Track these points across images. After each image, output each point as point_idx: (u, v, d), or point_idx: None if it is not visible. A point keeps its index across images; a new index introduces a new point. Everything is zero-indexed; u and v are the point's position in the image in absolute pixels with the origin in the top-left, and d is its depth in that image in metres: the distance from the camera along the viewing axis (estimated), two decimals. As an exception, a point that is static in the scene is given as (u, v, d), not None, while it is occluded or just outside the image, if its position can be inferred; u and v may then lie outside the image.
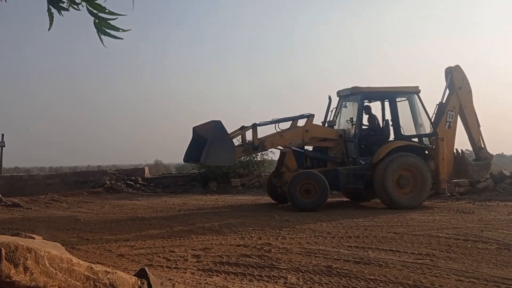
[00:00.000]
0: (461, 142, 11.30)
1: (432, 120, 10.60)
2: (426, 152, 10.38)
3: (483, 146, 11.14)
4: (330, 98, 11.21)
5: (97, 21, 2.53)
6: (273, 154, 14.88)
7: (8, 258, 2.08)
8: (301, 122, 10.41)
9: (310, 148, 10.68)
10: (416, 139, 10.54)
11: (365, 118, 10.88)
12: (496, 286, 4.07)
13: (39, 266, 2.20)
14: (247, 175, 15.72)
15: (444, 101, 10.90)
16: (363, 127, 10.78)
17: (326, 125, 11.00)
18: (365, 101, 10.69)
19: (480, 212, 8.75)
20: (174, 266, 4.97)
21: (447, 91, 10.94)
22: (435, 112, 10.82)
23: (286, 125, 10.41)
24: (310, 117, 10.34)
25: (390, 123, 10.58)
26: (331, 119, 11.10)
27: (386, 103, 10.96)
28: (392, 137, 10.52)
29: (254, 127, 10.02)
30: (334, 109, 11.25)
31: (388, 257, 5.17)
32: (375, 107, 11.20)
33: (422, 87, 10.68)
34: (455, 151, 10.82)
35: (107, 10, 2.53)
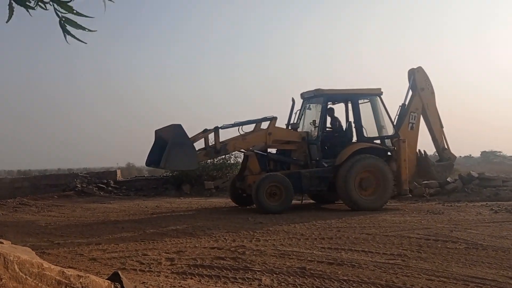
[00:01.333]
0: (425, 143, 11.58)
1: (395, 121, 10.73)
2: (389, 153, 10.52)
3: (446, 147, 11.37)
4: (293, 100, 11.19)
5: (63, 21, 2.50)
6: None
7: (-25, 264, 2.01)
8: (265, 125, 10.36)
9: (273, 151, 10.72)
10: (378, 141, 10.64)
11: (328, 120, 10.90)
12: (465, 285, 4.19)
13: (8, 272, 2.14)
14: (220, 177, 15.67)
15: (406, 103, 11.06)
16: (327, 129, 10.81)
17: (289, 128, 10.98)
18: (329, 103, 10.72)
19: (449, 213, 8.98)
20: (147, 270, 4.91)
21: (410, 93, 11.11)
22: (397, 114, 10.97)
23: (251, 128, 10.36)
24: (273, 119, 10.27)
25: (353, 125, 10.64)
26: (295, 121, 11.10)
27: (350, 105, 10.98)
28: (355, 139, 10.60)
29: (216, 130, 9.90)
30: (298, 111, 11.27)
31: (361, 257, 5.25)
32: (340, 109, 11.28)
33: (398, 89, 10.94)
34: (417, 152, 11.01)
35: (75, 11, 2.50)
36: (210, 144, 10.00)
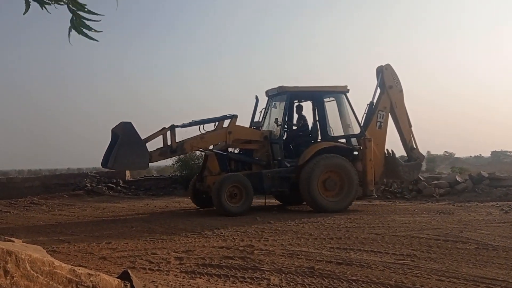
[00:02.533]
0: (393, 142, 11.32)
1: (363, 120, 10.45)
2: (355, 153, 10.17)
3: (414, 146, 11.14)
4: (257, 98, 10.85)
5: (74, 18, 2.51)
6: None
7: (-12, 262, 2.04)
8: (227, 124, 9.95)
9: (237, 150, 10.42)
10: (343, 140, 10.37)
11: (295, 119, 10.66)
12: (476, 286, 4.15)
13: (19, 270, 2.16)
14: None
15: (374, 101, 10.81)
16: (293, 127, 10.54)
17: (252, 126, 10.64)
18: (295, 101, 10.48)
19: (459, 213, 8.91)
20: (156, 269, 4.94)
21: (378, 91, 10.86)
22: (365, 112, 10.69)
23: (212, 126, 9.95)
24: (233, 118, 9.89)
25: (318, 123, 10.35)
26: (259, 119, 10.74)
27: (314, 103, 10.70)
28: (320, 138, 10.32)
29: (172, 128, 9.48)
30: (263, 110, 10.91)
31: (370, 258, 5.23)
32: (306, 107, 10.94)
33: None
34: (385, 151, 10.75)
35: (86, 9, 2.51)
36: (168, 144, 9.51)
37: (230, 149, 10.22)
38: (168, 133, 9.46)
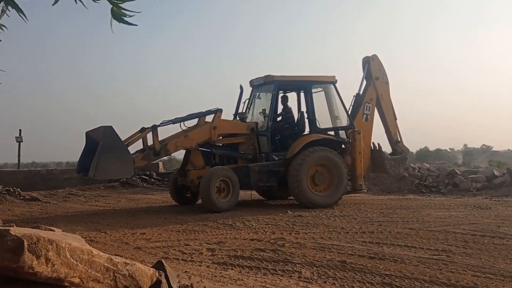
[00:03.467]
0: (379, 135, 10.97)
1: (349, 112, 10.10)
2: (343, 146, 9.84)
3: (399, 139, 10.86)
4: (241, 87, 10.30)
5: (115, 8, 2.58)
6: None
7: (31, 250, 2.13)
8: (209, 119, 9.42)
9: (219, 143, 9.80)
10: (332, 132, 9.97)
11: (280, 110, 10.19)
12: (513, 283, 4.03)
13: (60, 258, 2.25)
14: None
15: (361, 92, 10.50)
16: (278, 119, 10.06)
17: (237, 118, 10.09)
18: (280, 91, 10.02)
19: (497, 208, 8.65)
20: (189, 259, 5.03)
21: (364, 82, 10.54)
22: (351, 104, 10.35)
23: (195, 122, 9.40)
24: (218, 112, 9.33)
25: (306, 115, 9.93)
26: (243, 111, 10.21)
27: (302, 94, 10.36)
28: (307, 130, 9.93)
29: (154, 129, 8.80)
30: (247, 100, 10.42)
31: (404, 252, 5.15)
32: (291, 98, 10.52)
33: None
34: (371, 144, 10.44)
35: (120, 2, 2.58)
36: (148, 145, 8.85)
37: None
38: (149, 134, 8.83)
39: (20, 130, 18.36)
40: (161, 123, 8.97)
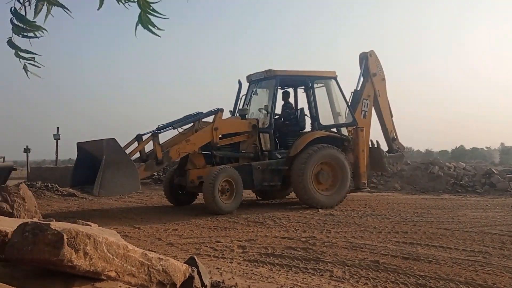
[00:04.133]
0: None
1: (347, 109, 9.81)
2: (345, 144, 9.51)
3: (395, 137, 10.61)
4: (240, 82, 9.98)
5: (142, 14, 2.62)
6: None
7: (70, 244, 2.20)
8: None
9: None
10: (333, 129, 9.68)
11: (280, 106, 9.89)
12: (555, 287, 3.88)
13: (97, 252, 2.31)
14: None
15: (358, 89, 10.23)
16: (276, 116, 9.68)
17: (236, 114, 9.69)
18: (278, 87, 9.60)
19: (537, 209, 8.34)
20: (220, 256, 5.08)
21: (362, 79, 10.30)
22: (349, 101, 10.07)
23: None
24: (218, 112, 8.88)
25: (306, 112, 9.63)
26: (242, 107, 9.79)
27: (299, 90, 10.08)
28: (308, 127, 9.66)
29: (154, 136, 8.32)
30: (243, 97, 10.02)
31: (439, 253, 5.03)
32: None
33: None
34: (370, 142, 10.14)
35: (151, 8, 2.61)
36: (146, 153, 8.49)
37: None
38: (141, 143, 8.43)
39: (57, 128, 18.95)
40: (158, 128, 8.53)
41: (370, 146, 10.14)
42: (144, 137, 8.44)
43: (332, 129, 9.66)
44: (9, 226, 2.51)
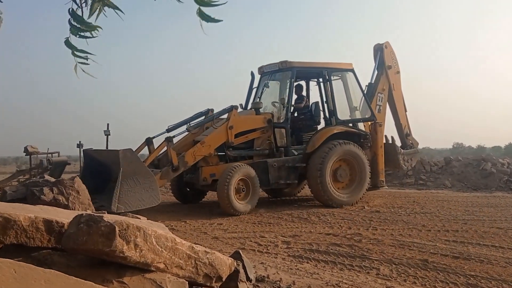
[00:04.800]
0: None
1: (361, 103, 9.27)
2: (362, 140, 8.93)
3: (409, 132, 10.09)
4: (253, 74, 9.42)
5: (200, 8, 2.66)
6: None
7: (121, 235, 2.28)
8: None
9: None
10: (350, 125, 9.12)
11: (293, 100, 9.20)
12: None
13: (147, 244, 2.39)
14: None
15: (373, 82, 9.71)
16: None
17: (249, 107, 9.14)
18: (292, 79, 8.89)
19: None
20: (265, 251, 5.11)
21: (376, 71, 9.79)
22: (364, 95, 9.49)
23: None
24: (233, 109, 8.33)
25: (321, 105, 9.19)
26: (254, 100, 9.26)
27: (312, 83, 9.57)
28: (322, 122, 9.21)
29: (169, 141, 7.89)
30: (255, 89, 9.47)
31: (491, 253, 4.84)
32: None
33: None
34: (385, 138, 9.58)
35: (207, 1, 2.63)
36: (157, 157, 8.14)
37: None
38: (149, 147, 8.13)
39: (108, 124, 19.57)
40: (169, 130, 8.19)
41: (384, 142, 9.72)
42: (155, 140, 8.14)
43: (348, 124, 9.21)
44: (65, 218, 2.64)
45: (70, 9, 1.81)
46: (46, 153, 13.41)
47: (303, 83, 9.81)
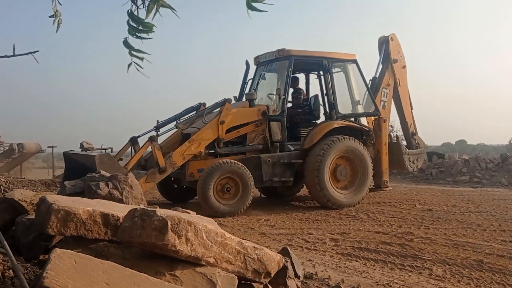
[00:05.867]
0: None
1: (365, 98, 8.62)
2: (364, 136, 8.34)
3: (415, 131, 9.45)
4: (247, 64, 8.82)
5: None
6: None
7: (173, 230, 2.34)
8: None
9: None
10: (352, 119, 8.47)
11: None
12: None
13: (197, 238, 2.44)
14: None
15: (377, 76, 9.09)
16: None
17: (243, 99, 8.46)
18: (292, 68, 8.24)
19: None
20: (313, 248, 5.09)
21: (381, 65, 9.18)
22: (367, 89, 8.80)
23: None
24: (226, 103, 7.69)
25: (321, 98, 8.67)
26: (248, 91, 8.67)
27: (312, 75, 9.07)
28: (322, 117, 8.67)
29: (152, 140, 7.29)
30: (250, 81, 8.89)
31: (553, 256, 4.58)
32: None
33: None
34: (389, 136, 8.87)
35: None
36: (144, 157, 7.63)
37: None
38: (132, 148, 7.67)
39: (157, 121, 20.11)
40: (157, 127, 7.72)
41: (389, 141, 9.06)
42: (142, 139, 7.64)
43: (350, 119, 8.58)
44: (120, 211, 2.74)
45: (129, 10, 1.88)
46: (100, 149, 13.97)
47: (302, 77, 9.40)
